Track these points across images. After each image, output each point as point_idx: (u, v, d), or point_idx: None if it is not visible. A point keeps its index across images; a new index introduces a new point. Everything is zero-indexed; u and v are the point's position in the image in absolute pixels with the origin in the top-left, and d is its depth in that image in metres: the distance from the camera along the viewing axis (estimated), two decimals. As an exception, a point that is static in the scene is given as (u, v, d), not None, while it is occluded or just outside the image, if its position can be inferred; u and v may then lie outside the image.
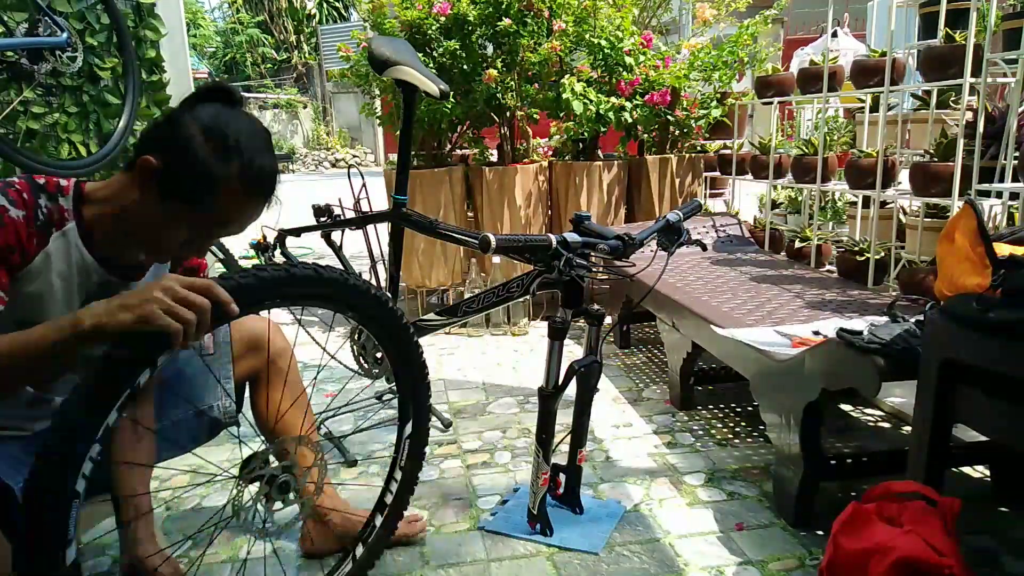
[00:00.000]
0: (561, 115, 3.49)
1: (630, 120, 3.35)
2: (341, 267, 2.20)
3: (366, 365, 2.15)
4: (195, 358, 1.43)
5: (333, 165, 17.38)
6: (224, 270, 2.98)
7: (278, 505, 1.23)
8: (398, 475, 1.47)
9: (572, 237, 1.53)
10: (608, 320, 2.31)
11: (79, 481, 0.93)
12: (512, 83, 3.26)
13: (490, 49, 3.33)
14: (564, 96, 3.20)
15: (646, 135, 3.64)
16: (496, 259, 3.31)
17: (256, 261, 2.25)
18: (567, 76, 3.28)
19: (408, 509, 1.53)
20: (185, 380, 1.45)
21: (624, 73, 3.37)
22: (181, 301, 0.92)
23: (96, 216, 1.15)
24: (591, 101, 3.24)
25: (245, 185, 1.09)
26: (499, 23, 3.12)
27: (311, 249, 5.35)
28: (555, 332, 1.62)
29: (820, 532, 1.68)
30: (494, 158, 3.74)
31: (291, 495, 1.24)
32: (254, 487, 1.21)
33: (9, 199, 1.06)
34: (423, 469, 1.53)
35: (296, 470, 1.24)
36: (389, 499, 1.48)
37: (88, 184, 1.18)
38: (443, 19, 3.21)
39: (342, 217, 2.18)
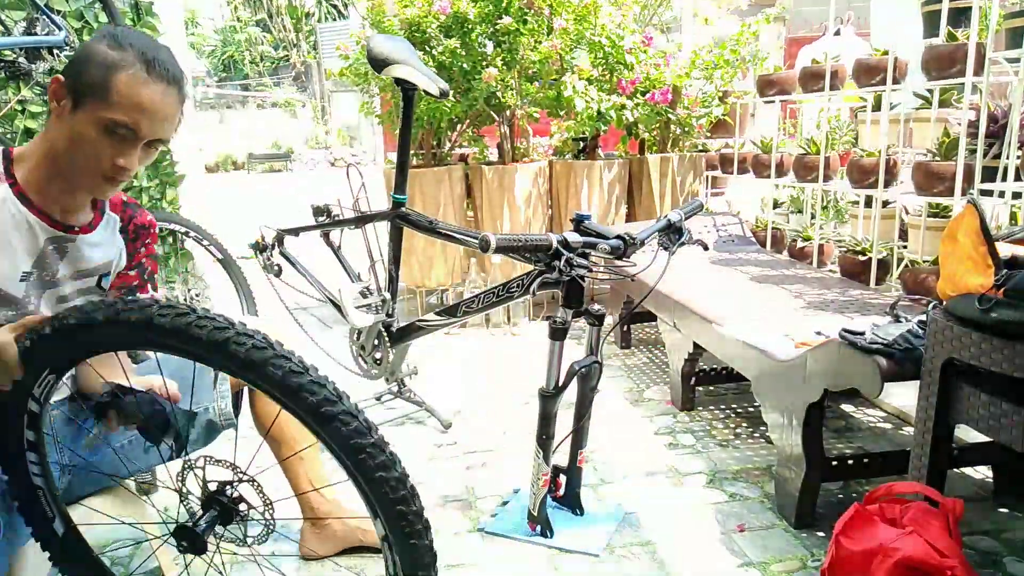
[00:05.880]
0: (562, 114, 3.48)
1: (631, 119, 3.34)
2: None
3: (365, 365, 2.14)
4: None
5: (332, 164, 17.37)
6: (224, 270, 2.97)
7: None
8: None
9: (572, 237, 1.52)
10: (609, 320, 2.31)
11: None
12: (512, 82, 3.25)
13: (490, 47, 3.32)
14: (566, 94, 3.19)
15: (647, 134, 3.63)
16: (496, 259, 3.29)
17: (255, 260, 2.24)
18: (568, 74, 3.26)
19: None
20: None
21: (625, 71, 3.36)
22: None
23: (28, 172, 1.16)
24: (592, 99, 3.23)
25: (141, 64, 1.12)
26: (499, 21, 3.11)
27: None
28: (555, 332, 1.61)
29: (822, 533, 1.68)
30: (494, 157, 3.73)
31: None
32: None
33: None
34: (422, 469, 1.51)
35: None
36: None
37: (16, 149, 1.19)
38: (443, 17, 3.20)
39: (341, 216, 2.17)
